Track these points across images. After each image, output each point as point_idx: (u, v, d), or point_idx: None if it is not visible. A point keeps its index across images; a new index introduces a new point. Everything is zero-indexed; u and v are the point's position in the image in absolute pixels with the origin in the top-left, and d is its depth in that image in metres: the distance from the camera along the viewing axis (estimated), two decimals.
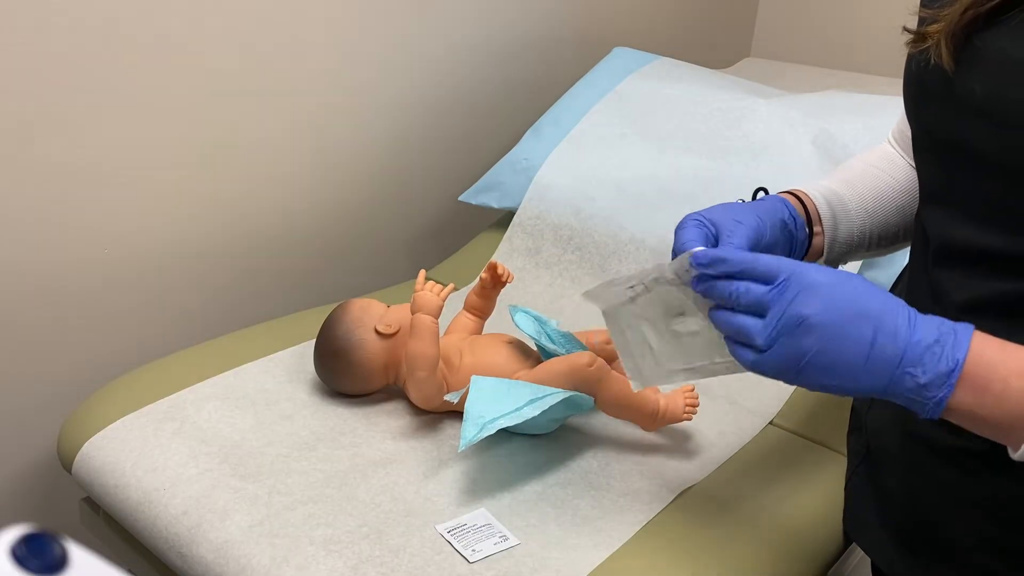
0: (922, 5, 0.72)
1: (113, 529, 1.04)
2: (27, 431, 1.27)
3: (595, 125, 1.53)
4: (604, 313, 0.80)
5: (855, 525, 0.86)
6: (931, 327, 0.60)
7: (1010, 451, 0.59)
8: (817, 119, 1.40)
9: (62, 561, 0.33)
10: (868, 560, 0.87)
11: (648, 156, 1.44)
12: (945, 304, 0.69)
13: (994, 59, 0.64)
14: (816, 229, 0.83)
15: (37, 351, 1.24)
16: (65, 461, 1.05)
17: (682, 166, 1.41)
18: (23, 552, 0.31)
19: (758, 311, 0.62)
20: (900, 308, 0.61)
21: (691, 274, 0.67)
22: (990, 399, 0.58)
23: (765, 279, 0.62)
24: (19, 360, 1.23)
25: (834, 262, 0.85)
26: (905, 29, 0.72)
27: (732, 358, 0.66)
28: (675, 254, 0.72)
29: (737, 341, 0.64)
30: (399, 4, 1.47)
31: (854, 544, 0.99)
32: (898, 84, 0.75)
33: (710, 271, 0.65)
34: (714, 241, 0.74)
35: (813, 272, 0.62)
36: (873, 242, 0.86)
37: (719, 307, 0.65)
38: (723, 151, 1.41)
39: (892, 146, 0.90)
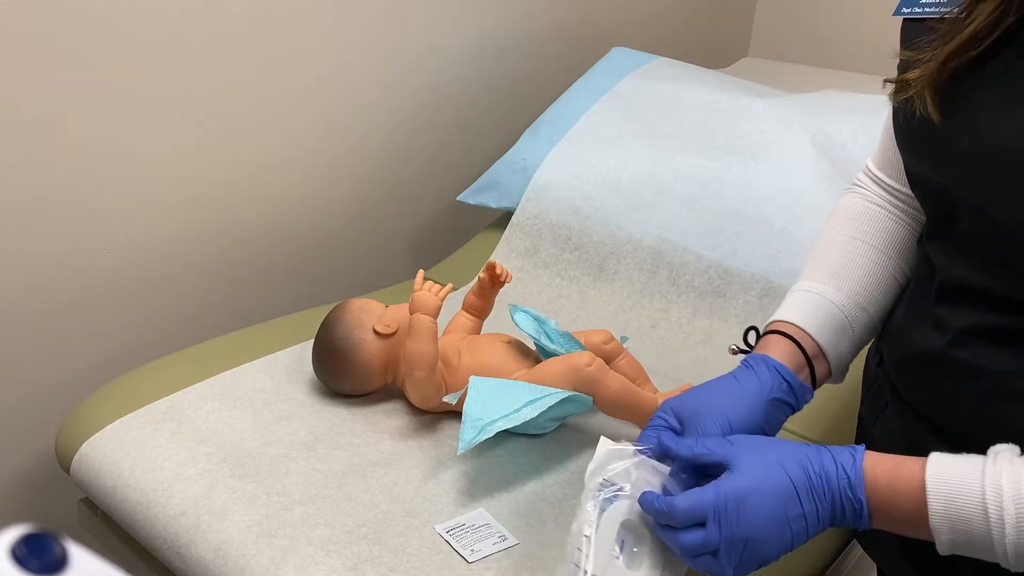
0: (902, 46, 0.71)
1: (111, 530, 1.04)
2: (25, 432, 1.26)
3: (593, 125, 1.53)
4: None
5: (867, 537, 0.86)
6: (831, 478, 0.64)
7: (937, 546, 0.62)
8: (815, 119, 1.40)
9: (62, 561, 0.33)
10: (866, 561, 0.87)
11: (646, 156, 1.44)
12: (946, 330, 0.69)
13: (981, 110, 0.63)
14: (816, 364, 0.79)
15: (35, 351, 1.24)
16: (63, 462, 1.05)
17: (680, 166, 1.41)
18: (23, 552, 0.31)
19: (710, 552, 0.66)
20: (810, 477, 0.64)
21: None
22: (896, 516, 0.63)
23: (698, 521, 0.66)
24: (17, 360, 1.23)
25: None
26: (886, 81, 0.71)
27: None
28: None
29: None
30: (398, 5, 1.47)
31: (852, 543, 0.99)
32: None
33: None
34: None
35: (731, 489, 0.65)
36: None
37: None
38: (721, 151, 1.41)
39: (873, 182, 0.85)
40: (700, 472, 0.70)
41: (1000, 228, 0.63)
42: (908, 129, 0.70)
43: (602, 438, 0.72)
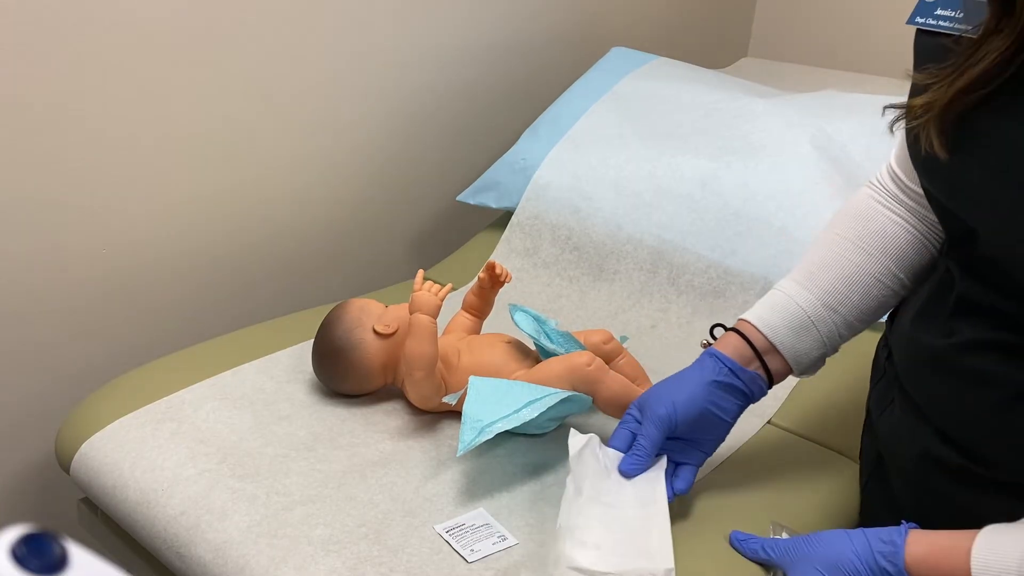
0: (916, 67, 0.69)
1: (111, 530, 1.04)
2: (25, 431, 1.27)
3: (593, 125, 1.53)
4: None
5: None
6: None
7: None
8: (815, 118, 1.40)
9: (62, 561, 0.33)
10: None
11: (646, 156, 1.44)
12: (960, 340, 0.69)
13: (990, 144, 0.62)
14: (768, 359, 0.84)
15: (35, 351, 1.24)
16: (63, 461, 1.05)
17: (680, 166, 1.41)
18: (23, 552, 0.32)
19: None
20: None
21: None
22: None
23: None
24: (17, 360, 1.23)
25: (811, 368, 0.87)
26: (886, 107, 0.71)
27: None
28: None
29: None
30: (397, 4, 1.47)
31: None
32: (895, 84, 0.75)
33: None
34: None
35: None
36: (854, 329, 0.85)
37: None
38: (721, 151, 1.41)
39: (890, 179, 0.85)
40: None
41: (1016, 257, 0.62)
42: (919, 155, 0.70)
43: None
